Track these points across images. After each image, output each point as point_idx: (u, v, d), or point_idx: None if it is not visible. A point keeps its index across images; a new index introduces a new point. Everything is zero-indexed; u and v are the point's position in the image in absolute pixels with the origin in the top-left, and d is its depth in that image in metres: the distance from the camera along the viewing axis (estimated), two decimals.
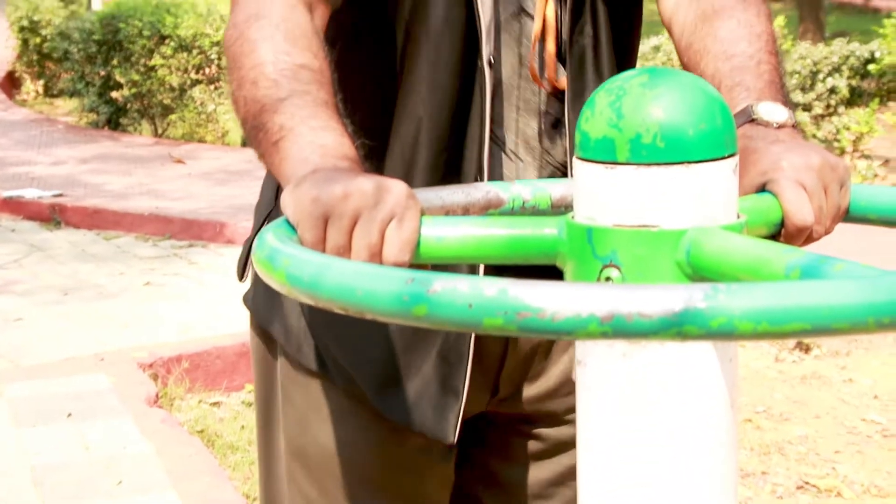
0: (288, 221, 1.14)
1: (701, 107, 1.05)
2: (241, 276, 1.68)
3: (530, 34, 1.59)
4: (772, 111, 1.35)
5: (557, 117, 1.63)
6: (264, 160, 1.32)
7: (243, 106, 1.35)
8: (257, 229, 1.67)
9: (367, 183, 1.12)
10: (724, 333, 0.85)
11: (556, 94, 1.62)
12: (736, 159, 1.08)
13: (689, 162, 1.04)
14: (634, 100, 1.05)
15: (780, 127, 1.34)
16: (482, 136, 1.57)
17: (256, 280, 1.70)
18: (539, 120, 1.63)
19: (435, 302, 0.89)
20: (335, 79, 1.38)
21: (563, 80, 1.61)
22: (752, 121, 1.34)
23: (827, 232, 1.27)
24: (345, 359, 1.61)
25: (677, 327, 0.85)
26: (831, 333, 0.86)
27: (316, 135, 1.26)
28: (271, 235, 1.08)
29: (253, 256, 1.09)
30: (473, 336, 1.57)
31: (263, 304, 1.68)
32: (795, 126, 1.36)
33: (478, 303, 0.88)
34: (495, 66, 1.59)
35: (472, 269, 1.56)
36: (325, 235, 1.11)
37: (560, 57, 1.60)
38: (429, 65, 1.55)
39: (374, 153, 1.51)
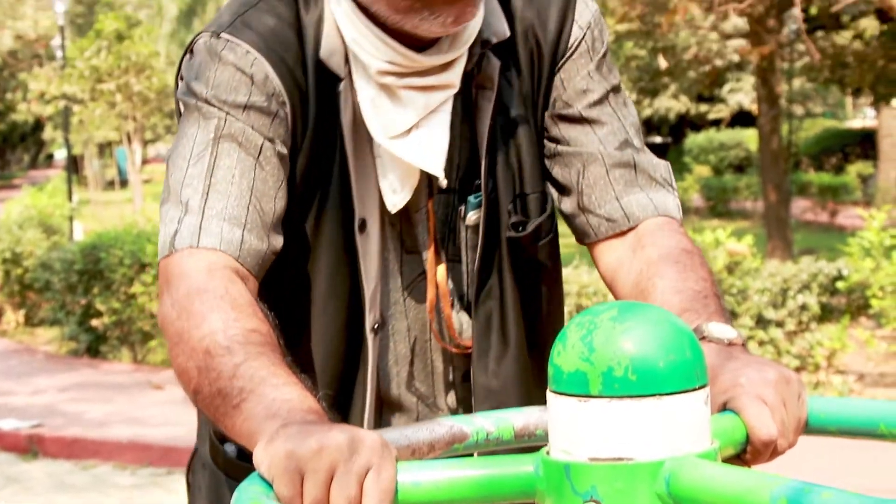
0: (262, 476, 1.14)
1: (671, 339, 1.08)
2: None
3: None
4: (721, 330, 1.41)
5: (465, 373, 1.71)
6: (223, 424, 1.34)
7: (196, 377, 1.37)
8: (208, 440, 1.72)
9: (341, 436, 1.13)
10: None
11: (464, 353, 1.70)
12: (707, 390, 1.11)
13: (662, 394, 1.06)
14: (605, 333, 1.07)
15: (731, 344, 1.39)
16: (365, 399, 1.64)
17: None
18: (446, 376, 1.72)
19: None
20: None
21: (468, 340, 1.70)
22: (703, 338, 1.38)
23: (790, 445, 1.29)
24: None
25: None
26: None
27: (279, 391, 1.28)
28: (248, 493, 1.09)
29: None
30: None
31: None
32: (745, 345, 1.42)
33: None
34: (394, 329, 1.68)
35: None
36: (301, 490, 1.11)
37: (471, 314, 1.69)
38: (318, 329, 1.64)
39: None
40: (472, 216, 1.68)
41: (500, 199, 1.67)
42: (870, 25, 19.93)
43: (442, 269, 1.69)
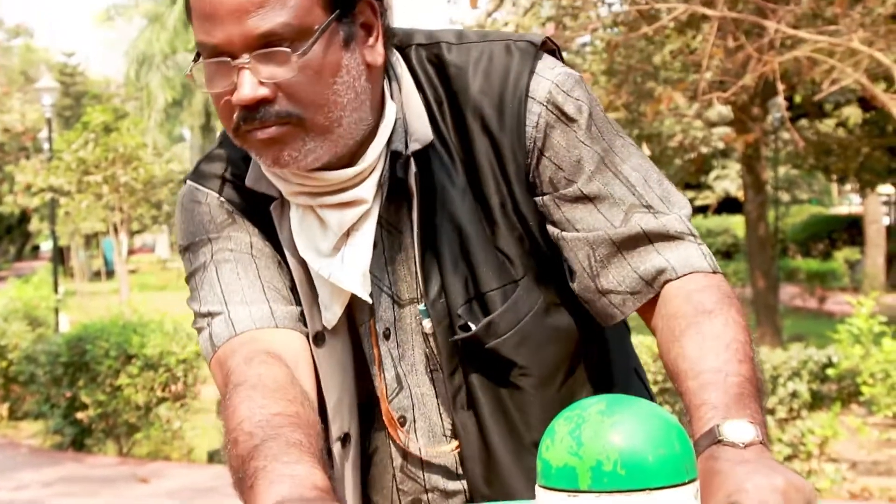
0: None
1: (659, 433, 1.06)
2: None
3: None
4: (737, 430, 1.32)
5: (457, 474, 1.73)
6: None
7: (232, 464, 1.42)
8: None
9: None
10: None
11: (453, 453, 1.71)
12: (696, 485, 1.09)
13: (651, 489, 1.04)
14: (594, 427, 1.06)
15: (748, 445, 1.31)
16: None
17: None
18: (426, 482, 1.74)
19: None
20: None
21: (446, 447, 1.71)
22: (719, 441, 1.31)
23: None
24: None
25: None
26: None
27: (287, 468, 1.31)
28: None
29: None
30: None
31: None
32: (764, 442, 1.33)
33: None
34: (367, 439, 1.75)
35: None
36: None
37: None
38: None
39: None
40: (427, 325, 1.67)
41: (450, 304, 1.64)
42: (853, 113, 20.17)
43: (384, 390, 1.71)
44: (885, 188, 27.44)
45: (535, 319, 1.66)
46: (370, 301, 1.65)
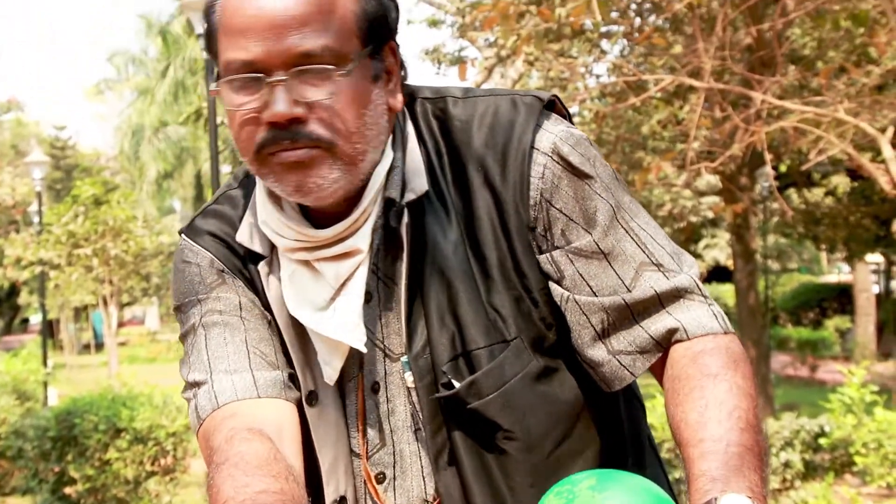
0: None
1: None
2: None
3: None
4: None
5: None
6: None
7: None
8: None
9: None
10: None
11: None
12: None
13: None
14: (584, 503, 1.06)
15: None
16: None
17: None
18: None
19: None
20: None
21: None
22: None
23: None
24: None
25: None
26: None
27: None
28: None
29: None
30: None
31: None
32: None
33: None
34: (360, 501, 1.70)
35: None
36: None
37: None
38: None
39: None
40: (409, 379, 1.64)
41: (435, 360, 1.60)
42: (841, 182, 20.29)
43: (364, 446, 1.68)
44: (873, 256, 27.52)
45: (522, 383, 1.61)
46: (364, 351, 1.61)
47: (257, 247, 1.65)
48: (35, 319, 47.82)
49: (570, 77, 10.46)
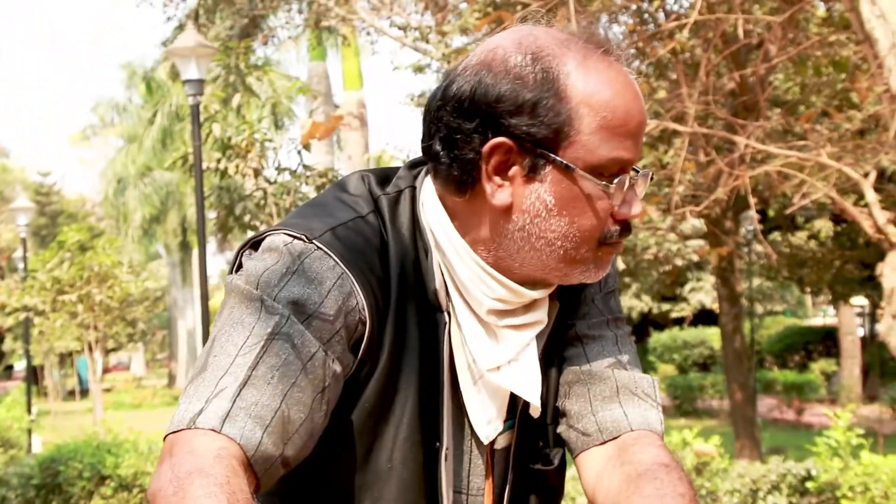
0: None
1: None
2: None
3: None
4: None
5: None
6: None
7: None
8: None
9: None
10: None
11: None
12: None
13: None
14: None
15: None
16: None
17: None
18: None
19: None
20: None
21: None
22: None
23: None
24: None
25: None
26: None
27: None
28: None
29: None
30: None
31: None
32: None
33: None
34: None
35: None
36: None
37: None
38: None
39: None
40: (501, 440, 1.71)
41: (529, 428, 1.72)
42: (824, 226, 20.38)
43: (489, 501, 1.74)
44: (858, 300, 27.59)
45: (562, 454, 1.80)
46: (539, 411, 1.68)
47: (441, 302, 1.64)
48: (19, 366, 47.57)
49: None
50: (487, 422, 1.66)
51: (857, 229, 16.43)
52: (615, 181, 1.54)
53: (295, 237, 1.56)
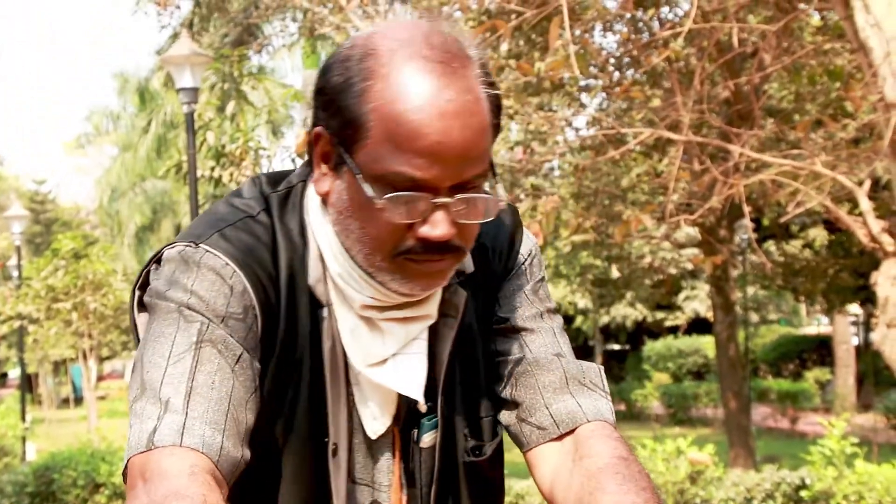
0: None
1: None
2: None
3: None
4: None
5: None
6: None
7: None
8: None
9: None
10: None
11: None
12: None
13: None
14: None
15: None
16: None
17: None
18: None
19: None
20: None
21: None
22: None
23: None
24: None
25: None
26: None
27: None
28: None
29: None
30: None
31: None
32: None
33: None
34: None
35: None
36: None
37: None
38: None
39: None
40: (427, 438, 1.68)
41: (456, 422, 1.69)
42: (819, 235, 20.41)
43: (404, 498, 1.70)
44: (852, 308, 27.63)
45: (500, 447, 1.77)
46: (424, 408, 1.66)
47: (321, 294, 1.63)
48: (14, 374, 47.50)
49: (550, 130, 10.53)
50: (373, 418, 1.65)
51: (851, 238, 16.45)
52: (386, 196, 1.48)
53: (186, 245, 1.58)
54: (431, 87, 1.46)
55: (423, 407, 1.65)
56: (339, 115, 1.51)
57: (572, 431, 1.66)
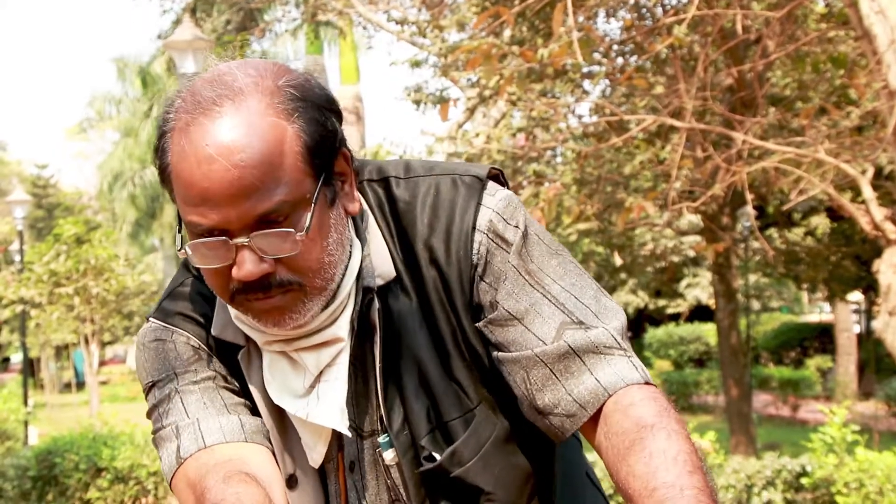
0: None
1: None
2: None
3: None
4: None
5: None
6: None
7: None
8: None
9: None
10: None
11: None
12: None
13: None
14: None
15: None
16: None
17: None
18: None
19: None
20: None
21: None
22: None
23: None
24: None
25: None
26: None
27: None
28: None
29: None
30: None
31: None
32: None
33: None
34: None
35: None
36: None
37: None
38: None
39: None
40: (389, 456, 1.68)
41: (414, 435, 1.66)
42: (821, 223, 20.39)
43: None
44: (854, 296, 27.62)
45: (495, 445, 1.68)
46: (349, 435, 1.65)
47: (231, 338, 1.67)
48: (16, 358, 47.52)
49: (553, 117, 10.52)
50: (309, 448, 1.66)
51: (853, 226, 16.44)
52: (187, 244, 1.53)
53: (144, 324, 1.74)
54: (194, 134, 1.47)
55: (347, 433, 1.63)
56: (161, 176, 1.56)
57: (602, 408, 1.59)
